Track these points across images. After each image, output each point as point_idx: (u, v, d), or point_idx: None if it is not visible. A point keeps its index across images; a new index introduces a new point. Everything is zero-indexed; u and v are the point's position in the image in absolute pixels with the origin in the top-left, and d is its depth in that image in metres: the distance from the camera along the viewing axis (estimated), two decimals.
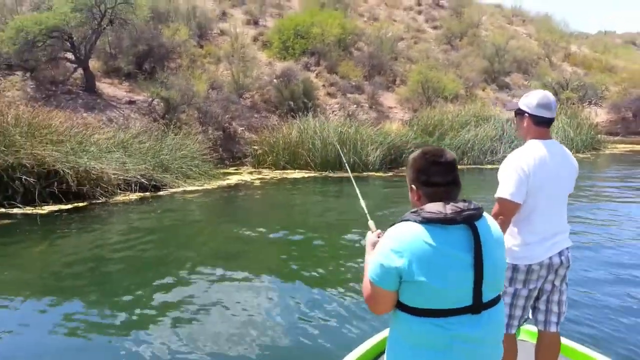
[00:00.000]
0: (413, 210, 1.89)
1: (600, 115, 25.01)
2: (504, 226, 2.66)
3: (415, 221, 1.82)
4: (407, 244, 1.79)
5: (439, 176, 1.90)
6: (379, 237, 2.23)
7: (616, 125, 25.23)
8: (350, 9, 27.70)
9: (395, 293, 1.84)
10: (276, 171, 14.58)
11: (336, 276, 5.85)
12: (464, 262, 1.80)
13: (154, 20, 19.08)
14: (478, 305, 1.82)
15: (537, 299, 2.93)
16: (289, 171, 14.50)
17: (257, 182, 13.08)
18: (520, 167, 2.72)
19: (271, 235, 7.92)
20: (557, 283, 2.89)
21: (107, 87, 16.36)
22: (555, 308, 2.91)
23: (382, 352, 3.38)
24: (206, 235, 8.41)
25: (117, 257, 6.96)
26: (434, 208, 1.83)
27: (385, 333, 3.61)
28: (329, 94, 20.28)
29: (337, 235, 7.99)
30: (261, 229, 8.08)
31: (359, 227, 8.53)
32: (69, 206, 9.71)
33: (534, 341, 3.06)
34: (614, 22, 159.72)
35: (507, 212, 2.73)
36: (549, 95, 2.90)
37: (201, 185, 12.17)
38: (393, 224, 1.90)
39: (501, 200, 2.74)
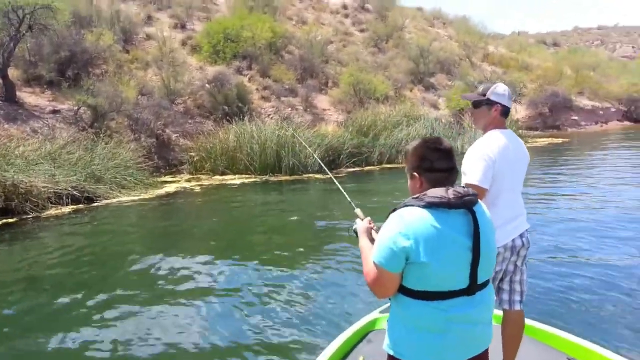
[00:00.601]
0: (414, 196, 1.97)
1: (519, 111, 26.58)
2: None
3: (419, 206, 1.90)
4: (414, 226, 1.86)
5: (441, 162, 1.99)
6: (370, 224, 2.32)
7: (535, 121, 26.94)
8: (279, 13, 27.76)
9: (400, 275, 1.91)
10: (215, 177, 14.37)
11: (286, 288, 5.56)
12: (464, 245, 1.90)
13: (76, 25, 18.26)
14: (473, 287, 1.92)
15: (501, 280, 3.08)
16: (228, 177, 14.34)
17: (197, 189, 12.81)
18: (487, 154, 2.85)
19: (214, 244, 7.74)
20: (518, 264, 3.06)
21: (28, 97, 15.44)
22: (517, 287, 3.08)
23: (366, 334, 3.48)
24: (141, 248, 7.74)
25: (48, 276, 6.38)
26: (437, 193, 1.91)
27: (370, 317, 3.71)
28: (263, 97, 20.23)
29: (287, 241, 7.99)
30: (202, 240, 7.81)
31: (303, 230, 8.62)
32: None
33: (498, 323, 3.23)
34: (526, 23, 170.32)
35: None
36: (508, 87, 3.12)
37: (137, 195, 11.77)
38: (393, 210, 1.97)
39: (470, 187, 2.85)
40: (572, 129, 28.10)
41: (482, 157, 2.85)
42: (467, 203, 1.93)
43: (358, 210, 2.66)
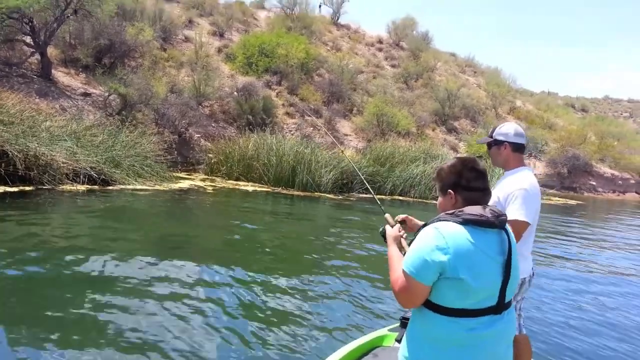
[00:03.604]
0: (449, 212, 1.99)
1: (538, 167, 26.57)
2: None
3: (455, 222, 1.91)
4: (452, 241, 1.86)
5: (477, 182, 2.05)
6: (400, 232, 2.35)
7: (552, 179, 26.88)
8: (315, 37, 28.35)
9: (429, 288, 1.90)
10: (229, 181, 14.56)
11: (273, 297, 5.41)
12: (498, 263, 1.93)
13: (119, 16, 18.84)
14: (500, 306, 1.94)
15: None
16: (241, 183, 14.51)
17: (210, 189, 12.99)
18: (529, 191, 2.96)
19: (215, 242, 7.78)
20: (525, 295, 3.22)
21: (62, 76, 15.90)
22: (520, 313, 3.23)
23: (373, 349, 3.47)
24: (147, 235, 7.77)
25: (50, 245, 6.39)
26: (475, 211, 1.94)
27: (378, 333, 3.69)
28: (287, 113, 20.53)
29: (287, 250, 8.05)
30: (206, 234, 7.75)
31: (309, 242, 8.68)
32: (15, 189, 9.32)
33: None
34: (557, 84, 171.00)
35: (521, 233, 2.93)
36: (519, 126, 3.26)
37: (152, 186, 11.96)
38: (426, 224, 2.00)
39: (523, 223, 2.92)
40: (589, 193, 27.96)
41: (527, 194, 2.95)
42: (502, 223, 1.96)
43: (388, 216, 2.65)
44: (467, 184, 2.05)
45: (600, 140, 31.37)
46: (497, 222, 1.93)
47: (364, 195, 15.15)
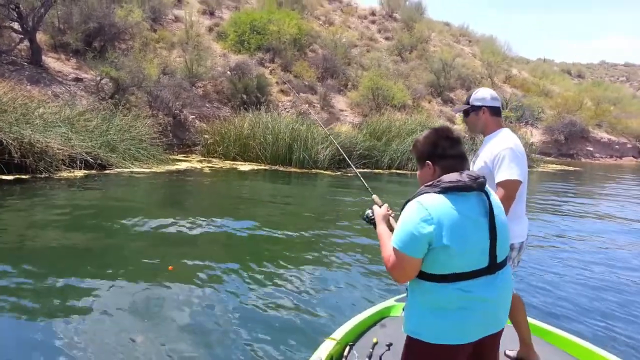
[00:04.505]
0: (427, 184, 2.03)
1: (535, 135, 26.56)
2: (508, 209, 2.84)
3: (435, 192, 1.96)
4: (435, 211, 1.91)
5: (453, 149, 2.09)
6: (388, 211, 2.36)
7: (549, 146, 26.90)
8: (307, 11, 27.99)
9: (421, 260, 1.95)
10: (226, 161, 14.56)
11: (279, 271, 5.49)
12: (482, 225, 1.98)
13: None
14: (493, 266, 1.99)
15: None
16: (238, 162, 14.52)
17: (207, 170, 12.99)
18: (516, 150, 2.94)
19: (216, 222, 7.77)
20: (516, 262, 3.17)
21: (53, 62, 15.75)
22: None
23: (381, 319, 3.56)
24: (147, 218, 7.44)
25: (48, 233, 6.36)
26: (453, 177, 1.98)
27: (386, 303, 3.77)
28: (282, 91, 20.41)
29: (285, 227, 8.09)
30: (204, 216, 7.65)
31: (304, 220, 8.73)
32: (11, 177, 9.32)
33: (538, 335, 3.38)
34: (553, 51, 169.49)
35: (515, 192, 2.91)
36: (492, 90, 3.24)
37: (149, 168, 11.97)
38: (408, 200, 2.02)
39: (515, 182, 2.89)
40: (586, 159, 28.03)
41: (514, 153, 2.92)
42: (480, 185, 2.00)
43: (375, 197, 2.68)
44: (442, 152, 2.08)
45: (596, 105, 31.31)
46: (476, 185, 1.98)
47: (362, 170, 15.18)
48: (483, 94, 3.15)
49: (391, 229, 2.22)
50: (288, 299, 4.67)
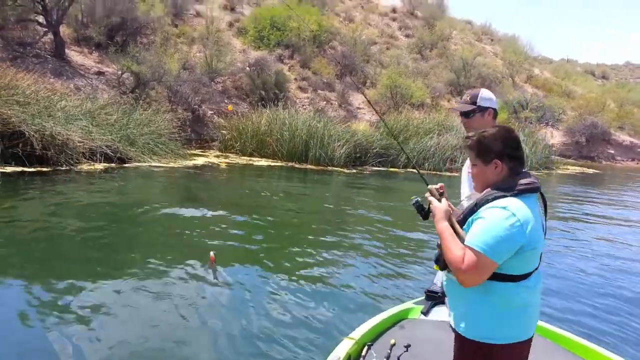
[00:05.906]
0: (502, 186, 2.01)
1: (555, 137, 26.18)
2: None
3: (514, 196, 1.97)
4: (522, 217, 1.92)
5: (518, 150, 2.08)
6: (450, 207, 2.19)
7: (570, 148, 26.51)
8: (327, 8, 27.95)
9: (498, 265, 1.93)
10: (243, 157, 14.68)
11: (298, 268, 5.57)
12: (542, 224, 2.06)
13: None
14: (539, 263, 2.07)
15: None
16: (255, 158, 14.63)
17: (224, 166, 13.12)
18: None
19: (232, 218, 7.86)
20: None
21: (76, 55, 16.01)
22: None
23: (400, 321, 3.59)
24: (163, 213, 7.60)
25: (68, 225, 6.49)
26: (527, 180, 2.02)
27: (405, 305, 3.80)
28: (300, 88, 20.47)
29: (302, 224, 8.16)
30: (221, 212, 7.82)
31: (321, 218, 8.78)
32: (32, 169, 9.54)
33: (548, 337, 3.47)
34: (577, 52, 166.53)
35: None
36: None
37: (167, 163, 12.14)
38: (487, 201, 1.99)
39: None
40: (607, 162, 27.57)
41: None
42: (539, 187, 2.07)
43: (432, 187, 2.31)
44: (512, 152, 2.05)
45: (619, 107, 30.73)
46: (540, 187, 2.06)
47: (377, 169, 15.18)
48: (489, 95, 3.13)
49: (452, 227, 2.09)
50: (306, 296, 4.75)
